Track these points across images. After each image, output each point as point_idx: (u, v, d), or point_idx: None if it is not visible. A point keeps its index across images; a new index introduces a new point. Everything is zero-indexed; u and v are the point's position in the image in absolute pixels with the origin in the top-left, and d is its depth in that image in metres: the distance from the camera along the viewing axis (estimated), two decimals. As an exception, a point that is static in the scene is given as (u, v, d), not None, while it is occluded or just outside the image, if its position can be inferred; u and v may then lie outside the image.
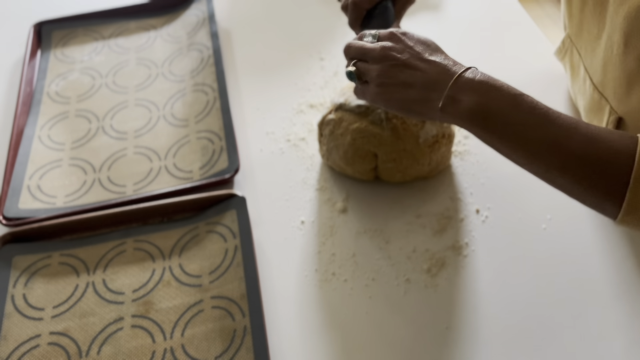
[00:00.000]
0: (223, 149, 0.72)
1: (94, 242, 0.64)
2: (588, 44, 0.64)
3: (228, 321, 0.56)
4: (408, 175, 0.67)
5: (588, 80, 0.65)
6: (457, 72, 0.49)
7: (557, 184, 0.47)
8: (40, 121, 0.77)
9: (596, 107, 0.64)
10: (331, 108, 0.69)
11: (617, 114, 0.59)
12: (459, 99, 0.48)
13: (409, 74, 0.50)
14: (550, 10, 2.05)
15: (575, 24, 0.67)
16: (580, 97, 0.69)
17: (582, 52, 0.66)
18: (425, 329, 0.57)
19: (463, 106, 0.48)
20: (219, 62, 0.82)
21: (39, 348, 0.55)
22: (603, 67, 0.60)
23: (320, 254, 0.63)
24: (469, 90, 0.47)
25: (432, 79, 0.49)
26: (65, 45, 0.89)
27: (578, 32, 0.66)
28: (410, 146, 0.64)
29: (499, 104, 0.46)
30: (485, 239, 0.64)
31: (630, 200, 0.42)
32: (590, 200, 0.46)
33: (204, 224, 0.65)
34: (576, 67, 0.70)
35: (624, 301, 0.58)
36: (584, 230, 0.64)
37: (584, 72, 0.66)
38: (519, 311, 0.58)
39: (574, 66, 0.71)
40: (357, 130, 0.65)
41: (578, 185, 0.45)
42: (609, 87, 0.59)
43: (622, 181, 0.43)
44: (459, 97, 0.48)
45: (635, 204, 0.42)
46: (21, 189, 0.69)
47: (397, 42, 0.52)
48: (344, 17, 0.93)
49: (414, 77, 0.50)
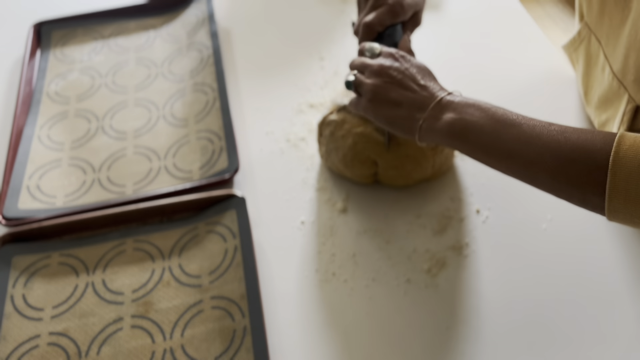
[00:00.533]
0: (223, 149, 0.72)
1: (94, 242, 0.64)
2: (610, 31, 0.63)
3: (228, 321, 0.56)
4: (411, 179, 0.66)
5: (607, 68, 0.64)
6: (440, 96, 0.53)
7: (539, 183, 0.48)
8: (39, 121, 0.77)
9: (613, 96, 0.64)
10: (333, 109, 0.68)
11: (635, 102, 0.59)
12: (439, 117, 0.52)
13: (400, 93, 0.55)
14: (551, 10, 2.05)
15: (595, 12, 0.66)
16: (597, 87, 0.69)
17: (603, 40, 0.65)
18: (425, 329, 0.57)
19: (442, 123, 0.52)
20: (219, 62, 0.82)
21: (38, 348, 0.55)
22: (625, 54, 0.59)
23: (320, 254, 0.63)
24: (448, 109, 0.52)
25: (419, 101, 0.54)
26: (64, 45, 0.89)
27: (598, 19, 0.65)
28: (412, 151, 0.64)
29: (472, 117, 0.50)
30: (485, 239, 0.64)
31: (611, 185, 0.42)
32: (574, 194, 0.46)
33: (203, 224, 0.64)
34: (594, 57, 0.69)
35: (625, 301, 0.58)
36: (585, 230, 0.64)
37: (604, 61, 0.65)
38: (520, 311, 0.58)
39: (591, 56, 0.70)
40: (360, 134, 0.65)
41: (557, 181, 0.46)
42: (630, 74, 0.59)
43: (600, 167, 0.42)
44: (439, 116, 0.52)
45: (617, 189, 0.41)
46: (20, 189, 0.69)
47: (395, 62, 0.57)
48: (344, 17, 0.93)
49: (404, 97, 0.55)
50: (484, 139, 0.49)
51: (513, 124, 0.48)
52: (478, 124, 0.50)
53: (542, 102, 0.78)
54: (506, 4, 0.95)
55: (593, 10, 0.67)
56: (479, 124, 0.50)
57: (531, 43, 0.88)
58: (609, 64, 0.64)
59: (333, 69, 0.84)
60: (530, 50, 0.86)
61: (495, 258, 0.62)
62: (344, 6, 0.96)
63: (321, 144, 0.69)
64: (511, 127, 0.48)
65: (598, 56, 0.68)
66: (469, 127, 0.50)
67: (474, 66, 0.84)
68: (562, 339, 0.56)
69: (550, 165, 0.45)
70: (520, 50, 0.86)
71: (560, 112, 0.77)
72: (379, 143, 0.65)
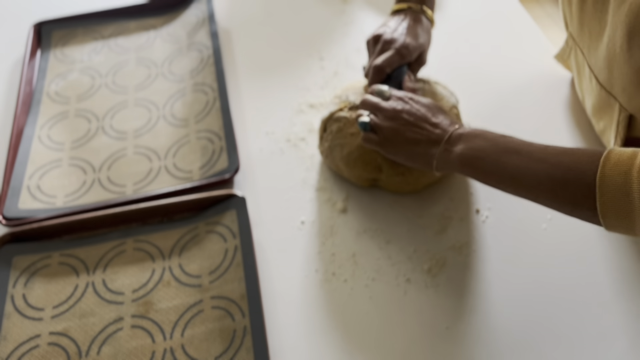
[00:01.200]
0: (223, 149, 0.72)
1: (94, 242, 0.64)
2: (591, 43, 0.64)
3: (228, 321, 0.56)
4: (420, 184, 0.67)
5: (594, 79, 0.65)
6: (450, 131, 0.57)
7: (542, 203, 0.51)
8: (40, 121, 0.77)
9: (605, 106, 0.64)
10: (342, 105, 0.68)
11: (628, 112, 0.60)
12: (451, 150, 0.56)
13: (415, 133, 0.59)
14: (551, 10, 2.05)
15: (575, 23, 0.67)
16: (588, 97, 0.69)
17: (585, 51, 0.66)
18: (425, 329, 0.57)
19: (453, 155, 0.56)
20: (219, 62, 0.82)
21: (38, 348, 0.55)
22: (608, 66, 0.60)
23: (320, 254, 0.63)
24: (459, 142, 0.56)
25: (433, 138, 0.58)
26: (65, 45, 0.89)
27: (579, 31, 0.66)
28: None
29: (479, 147, 0.54)
30: (485, 239, 0.64)
31: (601, 203, 0.44)
32: (574, 213, 0.49)
33: (203, 224, 0.64)
34: (581, 67, 0.70)
35: (625, 301, 0.58)
36: (584, 230, 0.64)
37: (589, 71, 0.66)
38: (519, 311, 0.58)
39: (579, 65, 0.71)
40: None
41: (556, 202, 0.49)
42: (617, 84, 0.59)
43: (590, 188, 0.45)
44: (451, 149, 0.56)
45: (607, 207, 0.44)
46: (21, 189, 0.69)
47: (406, 105, 0.61)
48: (344, 18, 0.93)
49: (419, 136, 0.59)
50: (489, 167, 0.53)
51: (514, 151, 0.52)
52: (484, 153, 0.54)
53: (542, 101, 0.78)
54: (506, 4, 0.95)
55: (574, 21, 0.68)
56: (485, 153, 0.54)
57: (531, 43, 0.88)
58: (594, 75, 0.65)
59: (333, 69, 0.84)
60: (529, 50, 0.86)
61: (495, 258, 0.62)
62: (344, 6, 0.96)
63: (324, 140, 0.69)
64: (512, 154, 0.52)
65: (584, 67, 0.68)
66: (476, 156, 0.54)
67: (474, 66, 0.84)
68: (562, 339, 0.56)
69: (548, 188, 0.49)
70: (519, 50, 0.86)
71: (560, 111, 0.77)
72: None
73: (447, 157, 0.57)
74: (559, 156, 0.49)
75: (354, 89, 0.71)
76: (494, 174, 0.53)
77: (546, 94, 0.80)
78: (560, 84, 0.81)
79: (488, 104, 0.64)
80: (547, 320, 0.57)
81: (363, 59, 0.86)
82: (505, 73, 0.82)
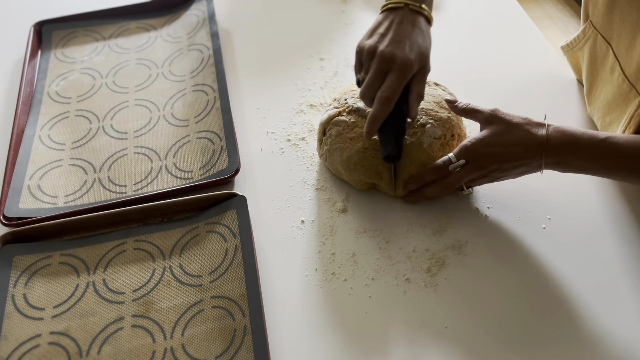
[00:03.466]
0: (223, 149, 0.72)
1: (94, 242, 0.64)
2: (623, 32, 0.62)
3: (228, 321, 0.56)
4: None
5: (618, 70, 0.64)
6: (542, 161, 0.58)
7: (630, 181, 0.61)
8: (40, 121, 0.78)
9: (621, 98, 0.63)
10: (341, 109, 0.68)
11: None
12: (547, 162, 0.58)
13: (504, 176, 0.61)
14: (550, 10, 2.05)
15: (601, 11, 0.65)
16: (603, 87, 0.68)
17: (614, 40, 0.65)
18: (424, 328, 0.57)
19: (546, 163, 0.58)
20: (219, 62, 0.83)
21: (39, 348, 0.55)
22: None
23: (320, 253, 0.63)
24: (553, 155, 0.57)
25: (524, 162, 0.58)
26: (65, 46, 0.89)
27: (607, 20, 0.65)
28: (416, 154, 0.64)
29: (568, 156, 0.57)
30: (485, 239, 0.64)
31: None
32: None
33: (204, 223, 0.65)
34: (600, 57, 0.68)
35: (625, 301, 0.58)
36: (584, 230, 0.64)
37: (614, 62, 0.65)
38: (519, 311, 0.58)
39: (596, 56, 0.69)
40: (374, 141, 0.65)
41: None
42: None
43: None
44: (547, 161, 0.58)
45: None
46: (21, 189, 0.69)
47: (485, 169, 0.60)
48: (343, 18, 0.94)
49: (510, 174, 0.61)
50: (584, 169, 0.58)
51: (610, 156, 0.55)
52: (585, 170, 0.58)
53: (541, 101, 0.79)
54: (505, 5, 0.95)
55: (599, 9, 0.66)
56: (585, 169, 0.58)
57: (530, 43, 0.88)
58: (620, 66, 0.63)
59: (333, 69, 0.84)
60: (529, 50, 0.86)
61: (494, 258, 0.62)
62: (344, 6, 0.96)
63: (323, 143, 0.69)
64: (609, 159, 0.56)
65: (606, 57, 0.67)
66: (569, 163, 0.57)
67: (473, 66, 0.84)
68: (562, 338, 0.56)
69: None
70: (519, 50, 0.86)
71: (559, 111, 0.77)
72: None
73: (548, 166, 0.58)
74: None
75: (352, 92, 0.71)
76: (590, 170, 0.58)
77: (545, 93, 0.80)
78: (561, 84, 0.81)
79: (487, 104, 0.64)
80: (547, 320, 0.57)
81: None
82: (505, 74, 0.83)
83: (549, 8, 2.09)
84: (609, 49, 0.66)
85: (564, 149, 0.56)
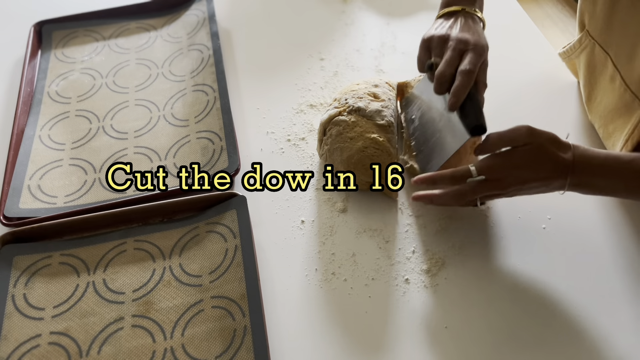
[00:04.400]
0: (223, 149, 0.72)
1: (95, 242, 0.64)
2: (623, 42, 0.62)
3: (228, 321, 0.56)
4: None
5: (619, 79, 0.64)
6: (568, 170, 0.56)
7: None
8: (40, 121, 0.78)
9: (626, 108, 0.63)
10: (342, 109, 0.68)
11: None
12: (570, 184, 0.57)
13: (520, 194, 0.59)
14: (550, 11, 2.05)
15: (600, 21, 0.65)
16: (603, 96, 0.68)
17: (613, 50, 0.65)
18: (424, 329, 0.57)
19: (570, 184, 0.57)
20: (219, 62, 0.83)
21: (39, 348, 0.55)
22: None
23: (320, 253, 0.64)
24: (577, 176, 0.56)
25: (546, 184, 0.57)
26: (65, 46, 0.89)
27: (606, 29, 0.65)
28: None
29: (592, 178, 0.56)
30: (484, 239, 0.64)
31: None
32: None
33: (204, 223, 0.65)
34: (599, 66, 0.68)
35: (624, 301, 0.58)
36: (584, 230, 0.64)
37: (613, 71, 0.65)
38: (519, 311, 0.58)
39: (595, 65, 0.69)
40: (373, 140, 0.65)
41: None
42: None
43: None
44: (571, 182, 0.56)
45: None
46: (22, 189, 0.69)
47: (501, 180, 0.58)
48: (343, 18, 0.94)
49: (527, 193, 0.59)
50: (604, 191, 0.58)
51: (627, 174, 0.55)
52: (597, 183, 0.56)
53: (541, 102, 0.79)
54: (505, 5, 0.95)
55: (596, 19, 0.66)
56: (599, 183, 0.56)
57: (530, 43, 0.88)
58: (621, 76, 0.63)
59: (333, 69, 0.84)
60: (529, 50, 0.86)
61: (494, 258, 0.62)
62: (344, 6, 0.96)
63: (323, 143, 0.69)
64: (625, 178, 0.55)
65: (605, 66, 0.67)
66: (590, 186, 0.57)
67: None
68: (562, 338, 0.56)
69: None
70: (519, 51, 0.86)
71: (559, 112, 0.77)
72: (390, 154, 0.65)
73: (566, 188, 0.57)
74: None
75: (352, 92, 0.71)
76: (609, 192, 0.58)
77: (545, 94, 0.80)
78: (561, 85, 0.81)
79: (487, 105, 0.64)
80: (547, 320, 0.57)
81: (363, 59, 0.86)
82: (505, 74, 0.83)
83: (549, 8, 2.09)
84: (607, 58, 0.66)
85: (589, 172, 0.55)
